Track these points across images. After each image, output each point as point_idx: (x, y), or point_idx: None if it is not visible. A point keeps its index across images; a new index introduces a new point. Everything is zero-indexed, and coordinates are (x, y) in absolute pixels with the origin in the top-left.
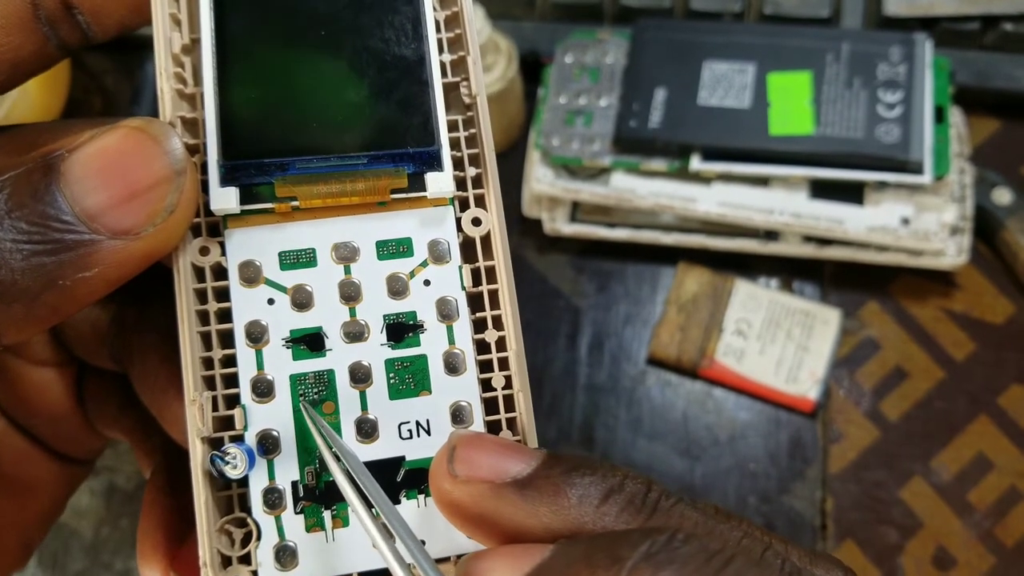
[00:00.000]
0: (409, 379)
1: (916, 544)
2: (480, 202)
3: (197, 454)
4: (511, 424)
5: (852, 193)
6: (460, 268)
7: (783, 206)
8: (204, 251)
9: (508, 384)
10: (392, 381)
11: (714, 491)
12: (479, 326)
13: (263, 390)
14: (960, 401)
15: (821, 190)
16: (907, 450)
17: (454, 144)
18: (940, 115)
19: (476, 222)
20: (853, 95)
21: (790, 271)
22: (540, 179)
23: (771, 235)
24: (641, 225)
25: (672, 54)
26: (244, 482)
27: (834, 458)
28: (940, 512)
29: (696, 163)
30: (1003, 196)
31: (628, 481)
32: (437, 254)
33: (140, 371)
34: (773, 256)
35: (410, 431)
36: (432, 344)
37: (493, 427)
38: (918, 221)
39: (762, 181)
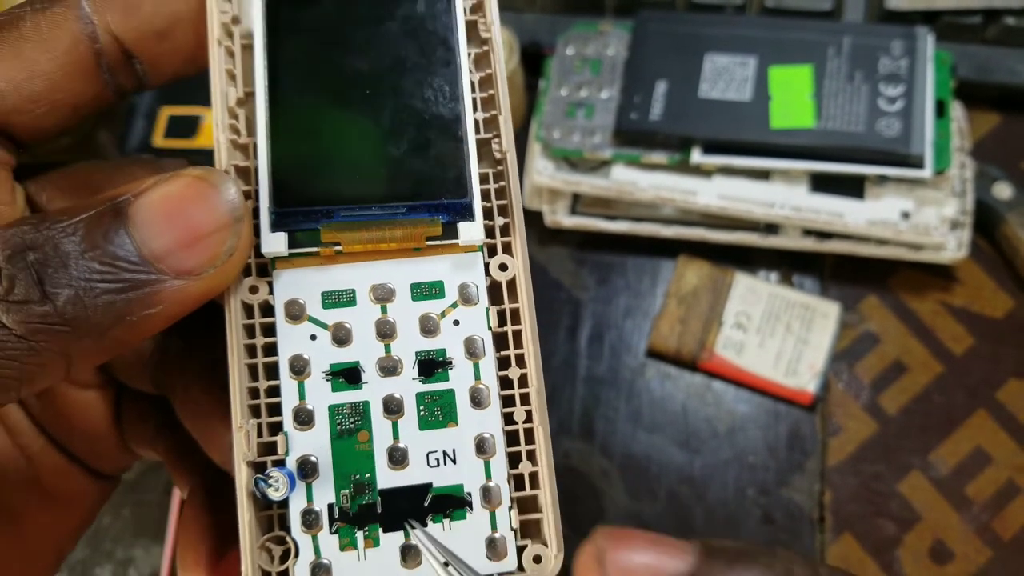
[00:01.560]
0: (438, 411)
1: (914, 537)
2: (507, 249)
3: (243, 477)
4: (531, 455)
5: (852, 187)
6: (487, 310)
7: (783, 199)
8: (254, 290)
9: (529, 418)
10: (422, 413)
11: (713, 483)
12: (503, 363)
13: (304, 419)
14: (959, 395)
15: (821, 184)
16: (905, 443)
17: (485, 195)
18: (941, 109)
19: (503, 267)
20: (854, 89)
21: (790, 264)
22: (541, 171)
23: (771, 228)
24: (642, 218)
25: (673, 47)
26: (284, 503)
27: (833, 451)
28: (938, 505)
29: (697, 156)
30: (1003, 191)
31: (795, 568)
32: (466, 296)
33: (183, 397)
34: (773, 249)
35: (437, 460)
36: (460, 379)
37: (514, 458)
38: (918, 215)
39: (763, 174)
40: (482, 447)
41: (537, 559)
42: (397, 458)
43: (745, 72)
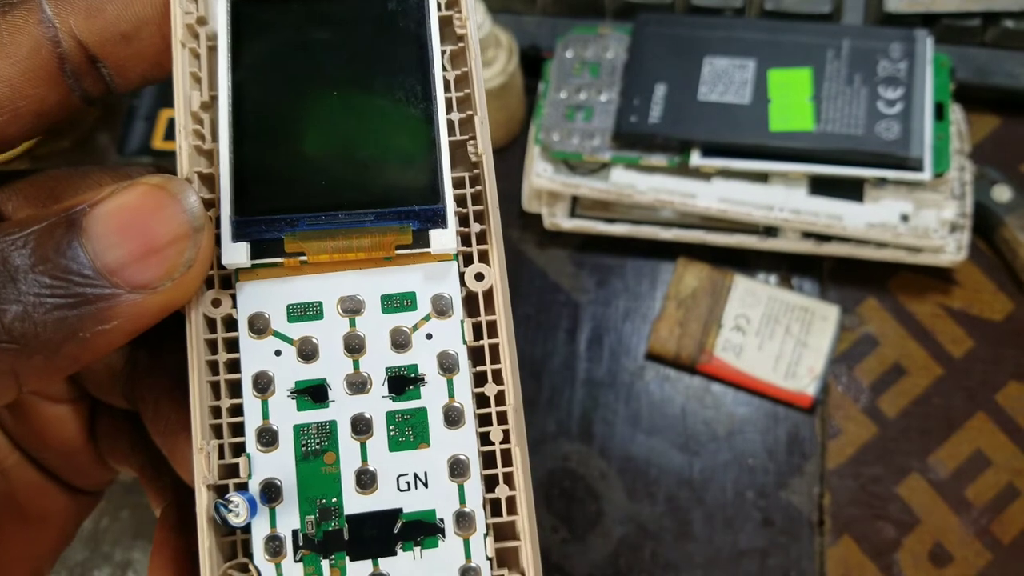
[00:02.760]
0: (409, 431)
1: (913, 540)
2: (484, 257)
3: (203, 501)
4: (508, 478)
5: (852, 189)
6: (462, 322)
7: (783, 202)
8: (216, 303)
9: (506, 438)
10: (392, 433)
11: (712, 486)
12: (479, 379)
13: (268, 439)
14: (958, 398)
15: (821, 186)
16: (905, 446)
17: (460, 200)
18: (940, 112)
19: (479, 277)
20: (853, 91)
21: (789, 267)
22: (540, 174)
23: (770, 231)
24: (641, 220)
25: (673, 49)
26: (247, 529)
27: (832, 454)
28: (937, 508)
29: (696, 159)
30: (1003, 193)
31: None
32: (440, 308)
33: (152, 413)
34: (772, 252)
35: (408, 483)
36: (432, 397)
37: (491, 481)
38: (917, 218)
39: (762, 177)
40: (456, 469)
41: None
42: (365, 481)
43: (744, 75)
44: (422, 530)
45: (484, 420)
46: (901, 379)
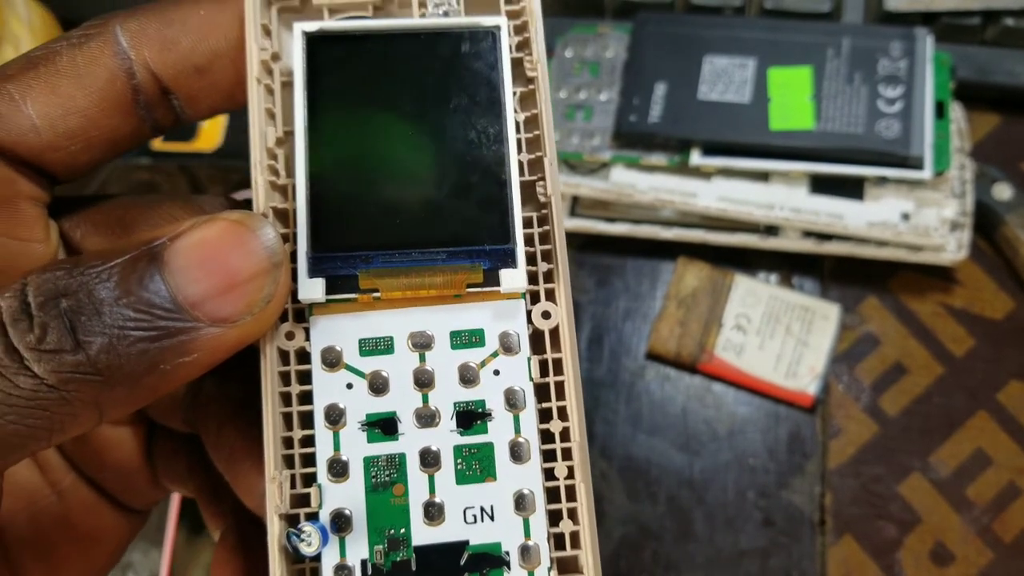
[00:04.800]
0: (476, 465)
1: (914, 539)
2: (551, 296)
3: (275, 530)
4: (572, 513)
5: (852, 188)
6: (528, 359)
7: (783, 201)
8: (290, 336)
9: (570, 474)
10: (459, 467)
11: (713, 485)
12: (544, 416)
13: (338, 470)
14: (959, 397)
15: (821, 185)
16: (906, 445)
17: (528, 240)
18: (941, 110)
19: (546, 315)
20: (854, 90)
21: (790, 266)
22: None
23: (771, 230)
24: (641, 220)
25: (672, 48)
26: (317, 557)
27: (833, 453)
28: (938, 507)
29: (696, 158)
30: (1003, 192)
31: None
32: (507, 345)
33: (215, 439)
34: (773, 251)
35: (475, 516)
36: (499, 432)
37: (554, 516)
38: (918, 216)
39: (762, 176)
40: (521, 504)
41: None
42: (433, 513)
43: (744, 74)
44: (488, 562)
45: (549, 455)
46: (902, 378)
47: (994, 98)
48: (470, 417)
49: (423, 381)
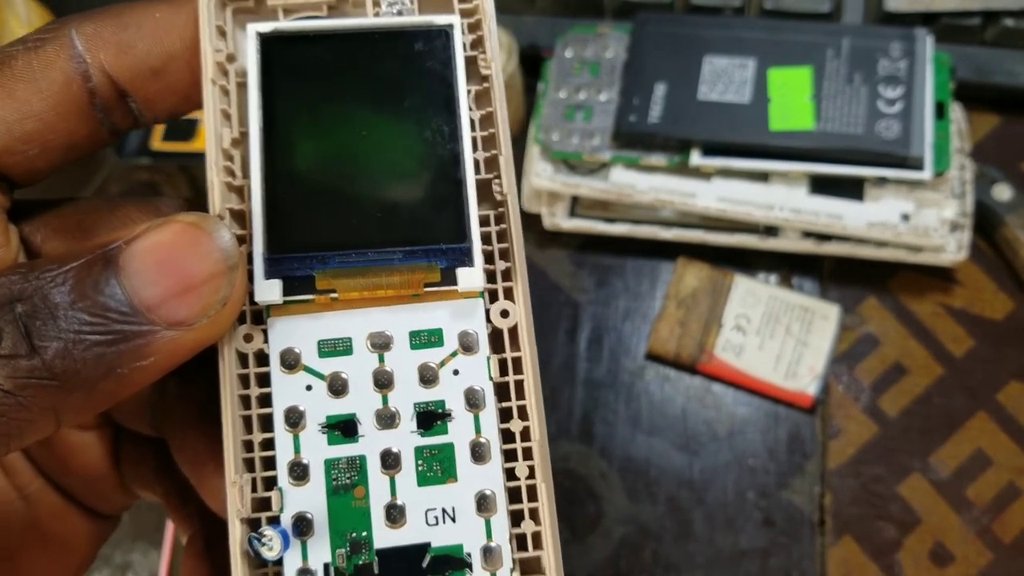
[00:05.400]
0: (437, 467)
1: (914, 540)
2: (509, 294)
3: (236, 534)
4: (533, 514)
5: (852, 189)
6: (488, 359)
7: (783, 201)
8: (248, 338)
9: (532, 474)
10: (420, 468)
11: (713, 486)
12: (505, 415)
13: (299, 473)
14: (959, 397)
15: (821, 186)
16: (906, 446)
17: (485, 239)
18: (941, 111)
19: (504, 314)
20: (854, 90)
21: (789, 267)
22: (540, 174)
23: (771, 230)
24: (641, 220)
25: (672, 49)
26: (279, 562)
27: (833, 453)
28: (938, 508)
29: (696, 158)
30: (1003, 192)
31: None
32: (467, 344)
33: (180, 442)
34: (772, 251)
35: (436, 518)
36: (459, 433)
37: (516, 516)
38: (918, 217)
39: (762, 176)
40: (483, 504)
41: None
42: (395, 515)
43: (744, 74)
44: (450, 564)
45: (510, 455)
46: (902, 379)
47: (994, 98)
48: (430, 418)
49: (382, 382)
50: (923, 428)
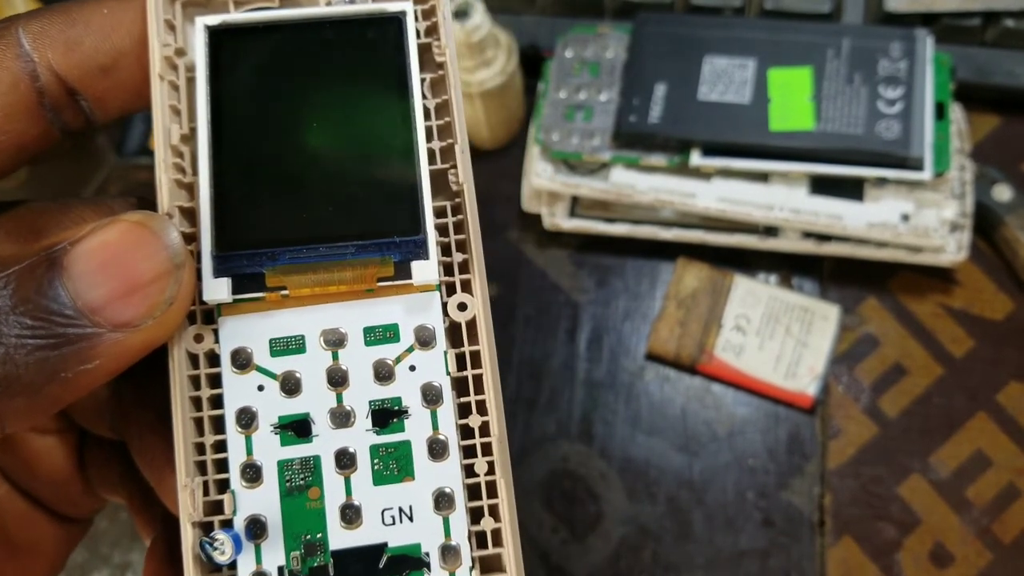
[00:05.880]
0: (393, 465)
1: (914, 540)
2: (466, 287)
3: (188, 538)
4: (493, 510)
5: (852, 189)
6: (445, 353)
7: (783, 202)
8: (198, 338)
9: (491, 470)
10: (376, 467)
11: (712, 486)
12: (463, 411)
13: (252, 475)
14: (959, 398)
15: (821, 186)
16: (905, 446)
17: (441, 230)
18: (941, 111)
19: (462, 307)
20: (854, 91)
21: (789, 267)
22: (540, 174)
23: (770, 231)
24: (641, 220)
25: (672, 49)
26: (233, 566)
27: (833, 454)
28: (938, 508)
29: (696, 158)
30: (1003, 193)
31: None
32: (423, 339)
33: (139, 445)
34: (772, 252)
35: (393, 517)
36: (416, 429)
37: (476, 513)
38: (918, 217)
39: (762, 177)
40: (441, 502)
41: None
42: (350, 516)
43: (744, 74)
44: (407, 564)
45: (469, 452)
46: (902, 379)
47: (994, 99)
48: (386, 415)
49: (336, 380)
50: (923, 428)
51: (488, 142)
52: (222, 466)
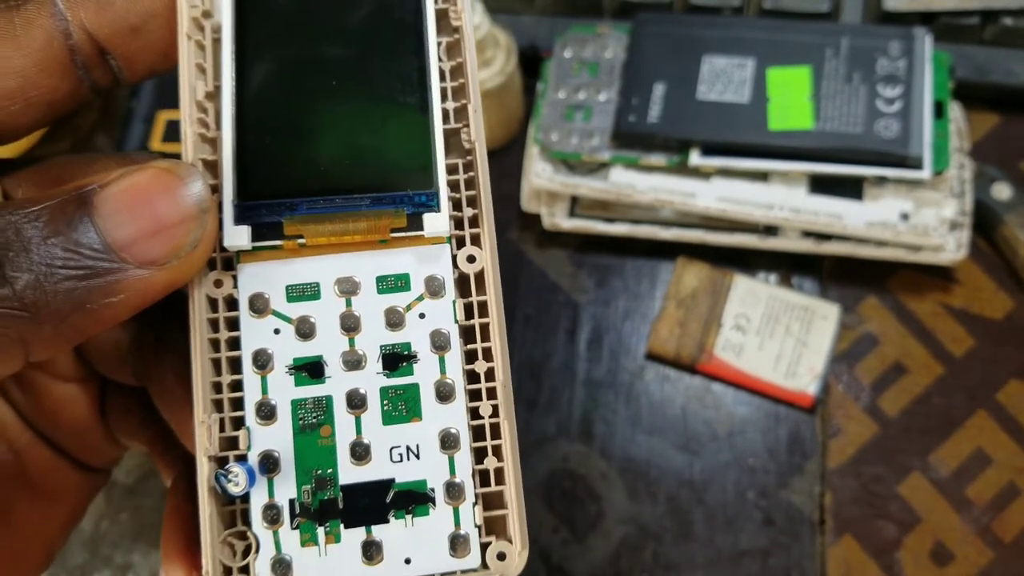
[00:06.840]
0: (402, 406)
1: (914, 539)
2: (476, 240)
3: (204, 471)
4: (496, 451)
5: (851, 188)
6: (454, 302)
7: (782, 201)
8: (218, 283)
9: (495, 413)
10: (386, 408)
11: (713, 486)
12: (470, 357)
13: (266, 413)
14: (959, 396)
15: (820, 185)
16: (906, 445)
17: (453, 186)
18: (940, 110)
19: (471, 259)
20: (852, 90)
21: (789, 266)
22: (539, 174)
23: (770, 230)
24: (640, 220)
25: (671, 49)
26: (246, 498)
27: (833, 453)
28: (938, 507)
29: (695, 158)
30: (1002, 191)
31: None
32: (433, 289)
33: (159, 388)
34: (772, 251)
35: (400, 455)
36: (425, 373)
37: (479, 453)
38: (917, 216)
39: (761, 176)
40: (446, 442)
41: (501, 556)
42: (359, 453)
43: (743, 74)
44: (414, 499)
45: (474, 395)
46: (902, 378)
47: (993, 98)
48: (396, 359)
49: (349, 325)
50: (923, 428)
51: (487, 142)
52: (238, 404)
